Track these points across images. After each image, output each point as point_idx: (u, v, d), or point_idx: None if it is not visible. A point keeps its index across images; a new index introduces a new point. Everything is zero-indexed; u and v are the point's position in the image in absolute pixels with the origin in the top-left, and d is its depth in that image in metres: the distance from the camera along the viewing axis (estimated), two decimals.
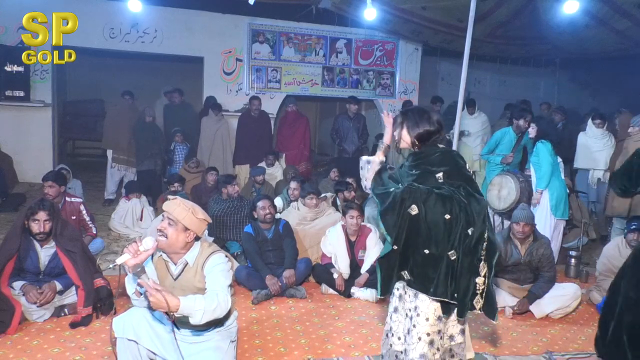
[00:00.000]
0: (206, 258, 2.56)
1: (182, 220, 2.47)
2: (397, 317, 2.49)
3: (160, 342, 2.54)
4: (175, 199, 2.53)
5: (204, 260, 2.56)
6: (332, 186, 6.10)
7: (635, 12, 6.08)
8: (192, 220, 2.49)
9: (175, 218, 2.47)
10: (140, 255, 2.34)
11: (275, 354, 3.20)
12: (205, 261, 2.56)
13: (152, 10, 7.35)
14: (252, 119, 7.35)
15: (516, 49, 8.51)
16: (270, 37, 8.30)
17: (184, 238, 2.51)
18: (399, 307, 2.49)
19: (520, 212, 3.99)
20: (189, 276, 2.57)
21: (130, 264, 2.33)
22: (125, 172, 7.04)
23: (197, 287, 2.56)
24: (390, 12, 7.15)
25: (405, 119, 2.44)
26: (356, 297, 4.24)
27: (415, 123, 2.40)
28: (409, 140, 2.43)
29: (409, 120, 2.43)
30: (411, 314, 2.39)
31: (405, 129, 2.43)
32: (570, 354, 3.35)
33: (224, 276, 2.53)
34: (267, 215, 4.39)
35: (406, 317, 2.43)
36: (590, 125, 6.28)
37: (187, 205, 2.51)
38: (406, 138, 2.43)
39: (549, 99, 9.77)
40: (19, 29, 6.96)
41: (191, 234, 2.53)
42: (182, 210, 2.47)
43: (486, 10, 6.38)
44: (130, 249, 2.33)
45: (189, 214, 2.48)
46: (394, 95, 9.01)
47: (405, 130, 2.43)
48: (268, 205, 4.43)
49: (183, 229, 2.49)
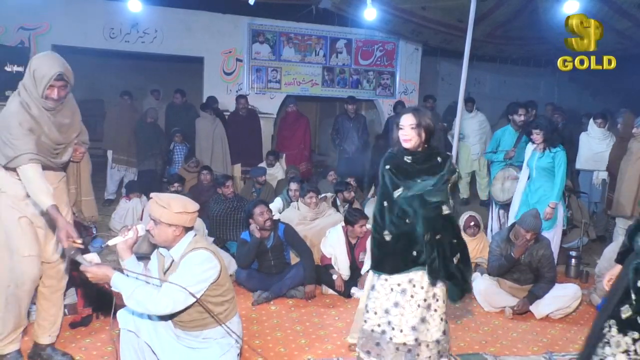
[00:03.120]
0: (186, 254, 2.54)
1: (161, 218, 2.48)
2: (399, 310, 2.57)
3: (158, 339, 2.55)
4: (152, 198, 2.54)
5: (186, 253, 2.54)
6: (331, 187, 6.10)
7: (635, 12, 6.08)
8: (171, 216, 2.49)
9: (155, 217, 2.50)
10: (127, 240, 2.53)
11: (276, 354, 3.20)
12: (183, 257, 2.54)
13: (152, 10, 7.35)
14: (240, 118, 7.33)
15: (516, 49, 8.51)
16: (270, 37, 8.30)
17: (172, 233, 2.52)
18: (400, 302, 2.57)
19: (531, 219, 3.86)
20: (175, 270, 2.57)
21: (119, 247, 2.53)
22: (126, 173, 7.03)
23: None
24: (390, 12, 7.15)
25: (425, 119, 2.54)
26: (356, 297, 4.24)
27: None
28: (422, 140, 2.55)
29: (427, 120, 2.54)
30: (429, 302, 2.58)
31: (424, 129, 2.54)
32: (571, 354, 3.34)
33: (191, 274, 2.45)
34: (266, 221, 4.17)
35: (419, 307, 2.56)
36: (592, 125, 6.27)
37: (163, 203, 2.50)
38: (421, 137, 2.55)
39: (549, 99, 9.77)
40: (19, 29, 6.98)
41: (178, 228, 2.53)
42: (158, 209, 2.49)
43: (486, 10, 6.38)
44: (122, 231, 2.55)
45: (165, 211, 2.48)
46: (394, 96, 9.01)
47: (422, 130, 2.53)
48: (265, 210, 4.19)
49: (167, 226, 2.50)
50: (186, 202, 2.59)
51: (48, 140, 2.69)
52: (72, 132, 2.87)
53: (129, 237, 2.55)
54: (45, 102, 2.62)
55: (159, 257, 2.68)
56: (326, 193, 5.75)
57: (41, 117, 2.64)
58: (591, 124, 6.31)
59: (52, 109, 2.67)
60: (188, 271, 2.47)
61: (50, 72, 2.57)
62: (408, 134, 2.53)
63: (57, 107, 2.69)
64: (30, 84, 2.62)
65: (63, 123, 2.78)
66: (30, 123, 2.59)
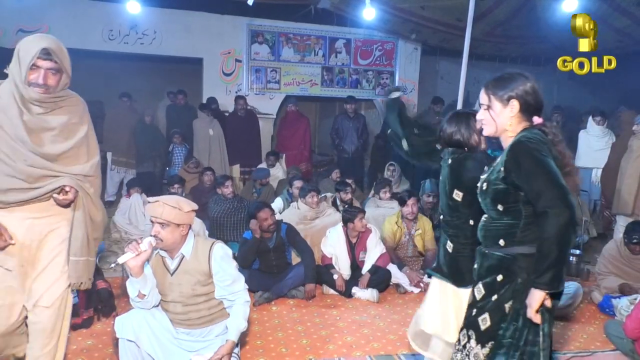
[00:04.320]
0: (210, 249, 2.61)
1: (173, 220, 2.48)
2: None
3: (159, 345, 2.55)
4: (157, 202, 2.50)
5: (208, 250, 2.60)
6: (332, 186, 6.09)
7: (634, 10, 6.08)
8: (182, 216, 2.51)
9: (165, 220, 2.46)
10: (140, 255, 2.37)
11: (277, 355, 3.20)
12: (210, 253, 2.60)
13: (151, 11, 7.35)
14: (239, 119, 7.33)
15: (515, 47, 8.51)
16: (269, 38, 8.30)
17: (180, 233, 2.54)
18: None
19: None
20: (187, 268, 2.60)
21: (130, 264, 2.36)
22: (125, 174, 7.03)
23: (196, 278, 2.57)
24: (389, 12, 7.15)
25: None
26: (357, 297, 4.24)
27: None
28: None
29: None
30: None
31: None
32: (572, 353, 3.34)
33: (232, 266, 2.70)
34: (270, 226, 4.18)
35: None
36: (591, 123, 6.28)
37: (172, 204, 2.49)
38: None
39: (548, 97, 9.57)
40: (18, 31, 6.97)
41: (185, 227, 2.55)
42: (170, 210, 2.47)
43: (485, 9, 6.38)
44: (131, 247, 2.36)
45: (176, 211, 2.48)
46: None
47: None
48: (270, 215, 4.17)
49: (176, 227, 2.50)
50: (188, 201, 2.64)
51: (16, 143, 1.99)
52: (58, 148, 2.09)
53: (143, 251, 2.37)
54: (28, 89, 2.01)
55: (156, 262, 2.64)
56: (326, 193, 5.75)
57: (10, 107, 2.00)
58: (590, 122, 6.32)
59: (36, 100, 2.03)
60: (228, 265, 2.66)
61: (34, 47, 2.02)
62: None
63: (46, 100, 2.05)
64: (14, 67, 2.07)
65: (46, 127, 2.06)
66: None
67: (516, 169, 1.76)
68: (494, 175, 1.86)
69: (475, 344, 1.91)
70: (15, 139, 1.98)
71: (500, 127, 1.90)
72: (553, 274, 1.71)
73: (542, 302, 1.75)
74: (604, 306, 4.02)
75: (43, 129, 2.04)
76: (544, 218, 1.70)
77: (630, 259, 4.07)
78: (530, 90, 1.87)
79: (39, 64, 2.01)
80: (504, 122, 1.88)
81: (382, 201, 5.56)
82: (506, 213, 1.83)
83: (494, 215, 1.89)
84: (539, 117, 1.88)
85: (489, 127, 1.94)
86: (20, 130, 1.98)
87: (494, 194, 1.85)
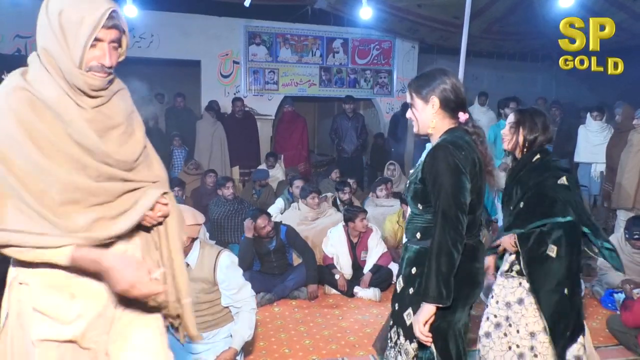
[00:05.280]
0: (216, 258, 2.62)
1: None
2: (522, 308, 2.40)
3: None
4: None
5: (214, 260, 2.61)
6: (332, 186, 6.09)
7: (631, 4, 6.09)
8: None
9: None
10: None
11: (280, 356, 3.20)
12: (217, 262, 2.61)
13: (148, 15, 7.34)
14: (237, 121, 7.33)
15: (513, 44, 8.51)
16: (266, 39, 8.30)
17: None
18: (525, 300, 2.39)
19: None
20: (191, 276, 2.57)
21: None
22: None
23: (201, 286, 2.57)
24: (386, 11, 7.16)
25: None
26: (359, 296, 4.24)
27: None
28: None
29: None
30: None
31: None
32: None
33: (238, 274, 2.73)
34: (269, 232, 4.18)
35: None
36: (590, 119, 6.28)
37: None
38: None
39: (547, 93, 9.76)
40: (16, 37, 6.97)
41: (187, 240, 2.55)
42: None
43: (482, 6, 6.38)
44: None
45: None
46: (392, 94, 9.01)
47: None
48: (267, 222, 4.16)
49: None
50: (195, 213, 2.63)
51: (82, 154, 1.31)
52: (133, 145, 1.45)
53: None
54: (85, 77, 1.30)
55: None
56: (326, 193, 5.75)
57: (64, 104, 1.31)
58: (589, 117, 6.32)
59: (99, 89, 1.35)
60: (234, 274, 2.67)
61: (96, 10, 1.27)
62: None
63: (106, 88, 1.37)
64: (53, 45, 1.28)
65: (111, 124, 1.39)
66: (31, 121, 1.26)
67: (428, 173, 1.80)
68: (414, 175, 1.90)
69: (404, 340, 1.92)
70: (79, 150, 1.30)
71: (424, 125, 1.90)
72: (432, 286, 1.70)
73: (429, 318, 1.73)
74: (606, 301, 4.02)
75: (107, 127, 1.38)
76: (434, 227, 1.75)
77: (631, 254, 4.07)
78: (450, 86, 1.85)
79: (102, 36, 1.30)
80: (427, 119, 1.88)
81: (381, 200, 5.55)
82: (426, 211, 1.85)
83: (416, 212, 1.92)
84: (464, 113, 1.88)
85: (415, 125, 1.95)
86: (88, 137, 1.32)
87: (413, 192, 1.88)
